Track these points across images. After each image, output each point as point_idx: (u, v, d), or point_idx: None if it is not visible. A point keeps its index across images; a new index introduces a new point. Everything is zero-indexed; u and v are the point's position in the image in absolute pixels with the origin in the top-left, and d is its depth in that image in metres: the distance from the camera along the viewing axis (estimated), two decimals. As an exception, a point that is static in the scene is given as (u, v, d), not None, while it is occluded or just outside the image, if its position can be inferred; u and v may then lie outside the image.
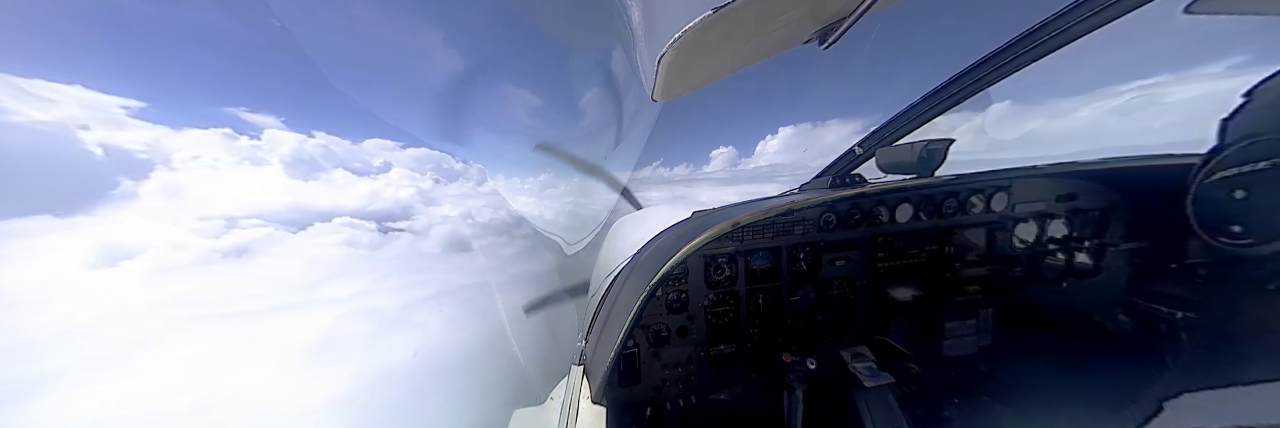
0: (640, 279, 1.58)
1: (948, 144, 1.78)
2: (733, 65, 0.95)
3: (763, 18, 0.70)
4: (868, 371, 1.74)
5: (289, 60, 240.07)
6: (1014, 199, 1.92)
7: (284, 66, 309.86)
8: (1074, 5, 1.33)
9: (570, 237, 7.02)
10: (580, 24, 11.09)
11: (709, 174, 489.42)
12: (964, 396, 1.89)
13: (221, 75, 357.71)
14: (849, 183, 1.94)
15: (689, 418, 1.84)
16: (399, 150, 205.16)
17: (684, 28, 0.64)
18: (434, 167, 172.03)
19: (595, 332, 1.73)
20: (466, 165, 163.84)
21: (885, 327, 1.93)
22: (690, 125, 69.71)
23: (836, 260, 1.87)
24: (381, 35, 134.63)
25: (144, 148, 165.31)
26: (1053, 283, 1.97)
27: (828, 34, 0.81)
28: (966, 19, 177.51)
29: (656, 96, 0.96)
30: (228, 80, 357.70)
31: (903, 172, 1.88)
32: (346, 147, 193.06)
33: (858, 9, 0.72)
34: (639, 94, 5.61)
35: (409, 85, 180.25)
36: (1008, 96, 2.29)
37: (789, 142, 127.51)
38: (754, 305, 1.83)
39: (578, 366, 1.62)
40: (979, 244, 1.95)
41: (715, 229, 1.59)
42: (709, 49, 0.78)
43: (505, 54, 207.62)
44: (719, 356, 1.83)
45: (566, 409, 1.38)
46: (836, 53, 0.90)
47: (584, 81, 18.59)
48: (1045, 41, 1.46)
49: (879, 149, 1.99)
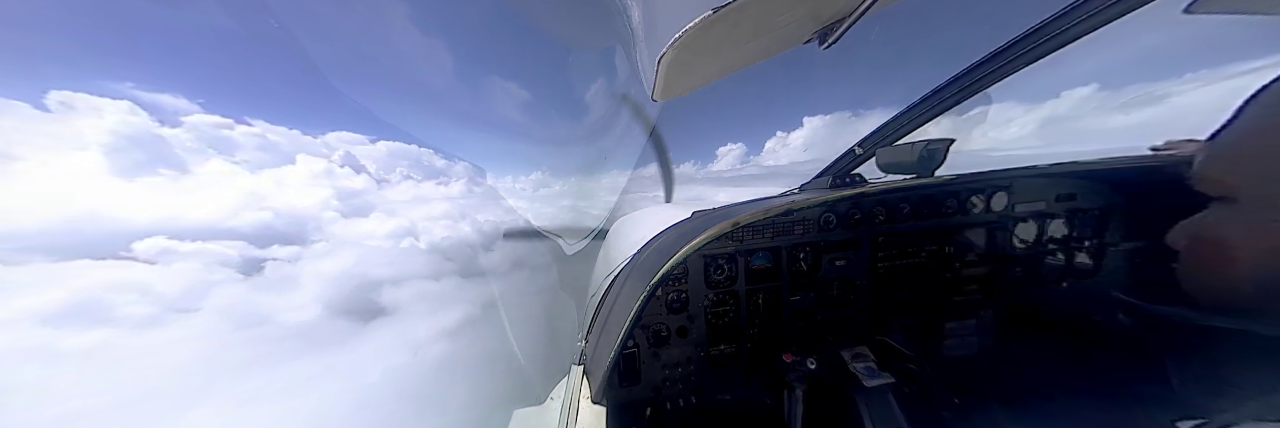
0: (640, 279, 1.59)
1: (948, 144, 1.78)
2: (733, 65, 0.95)
3: (763, 18, 0.70)
4: (868, 371, 1.74)
5: (288, 60, 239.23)
6: (1014, 199, 1.92)
7: (284, 66, 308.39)
8: (1074, 5, 1.33)
9: (570, 237, 7.02)
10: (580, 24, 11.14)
11: (709, 174, 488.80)
12: (964, 396, 1.89)
13: (221, 75, 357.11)
14: (849, 183, 1.94)
15: (689, 418, 1.84)
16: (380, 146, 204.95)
17: (684, 28, 0.64)
18: (428, 165, 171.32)
19: (595, 332, 1.73)
20: (465, 165, 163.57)
21: (885, 327, 1.93)
22: (690, 125, 69.05)
23: (836, 260, 1.87)
24: (379, 34, 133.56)
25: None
26: (1053, 283, 1.97)
27: (828, 34, 0.81)
28: (966, 19, 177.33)
29: (656, 96, 0.96)
30: (225, 79, 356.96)
31: (903, 172, 1.88)
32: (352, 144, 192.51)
33: (858, 9, 0.72)
34: (639, 94, 5.62)
35: (407, 84, 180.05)
36: (1008, 96, 2.30)
37: (789, 142, 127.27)
38: (754, 306, 1.83)
39: (578, 365, 1.62)
40: (979, 244, 1.95)
41: (715, 229, 1.59)
42: (709, 49, 0.78)
43: (505, 53, 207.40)
44: (719, 355, 1.83)
45: (566, 409, 1.38)
46: (836, 53, 0.90)
47: (584, 81, 18.50)
48: (1045, 41, 1.46)
49: (879, 149, 1.99)
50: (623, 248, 2.44)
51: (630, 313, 1.47)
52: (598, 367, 1.49)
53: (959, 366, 1.88)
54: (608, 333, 1.57)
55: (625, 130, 10.15)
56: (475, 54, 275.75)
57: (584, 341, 1.78)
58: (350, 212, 66.78)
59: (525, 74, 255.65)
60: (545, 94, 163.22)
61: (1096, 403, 1.67)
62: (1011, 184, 1.91)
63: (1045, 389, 1.81)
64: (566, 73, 66.23)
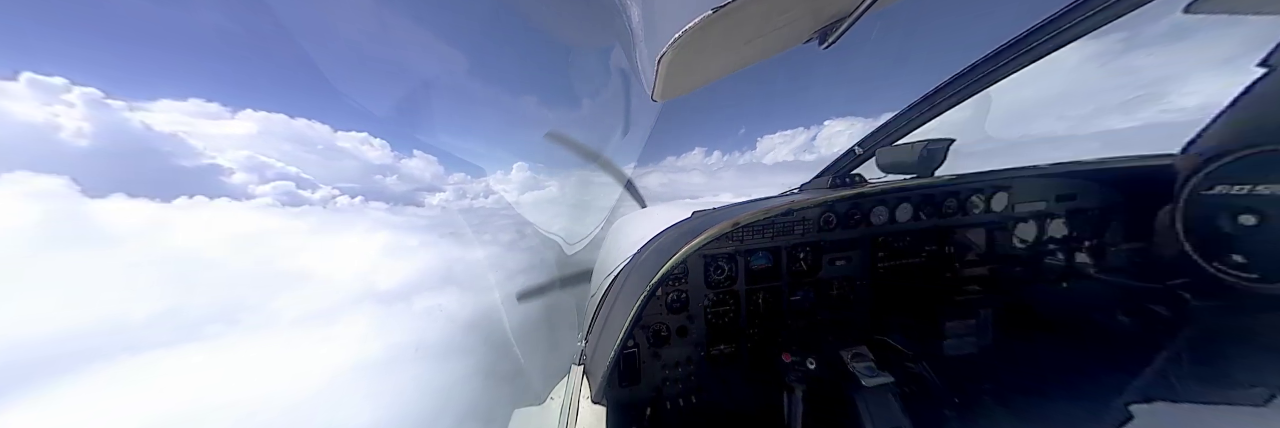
0: (640, 279, 1.58)
1: (948, 144, 1.78)
2: (733, 65, 0.95)
3: (763, 18, 0.70)
4: (867, 370, 1.74)
5: (286, 59, 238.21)
6: (1014, 199, 1.92)
7: (282, 65, 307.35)
8: (1074, 5, 1.33)
9: (570, 237, 7.02)
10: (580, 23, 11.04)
11: (709, 174, 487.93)
12: (964, 395, 1.89)
13: (218, 74, 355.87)
14: (849, 183, 1.94)
15: (689, 418, 1.84)
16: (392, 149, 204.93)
17: (684, 28, 0.64)
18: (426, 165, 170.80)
19: (595, 332, 1.73)
20: (464, 165, 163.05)
21: (885, 327, 1.93)
22: (690, 125, 68.99)
23: (836, 260, 1.87)
24: (377, 33, 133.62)
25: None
26: (1053, 283, 1.97)
27: (828, 34, 0.81)
28: (966, 19, 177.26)
29: (656, 96, 0.96)
30: (222, 78, 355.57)
31: (903, 172, 1.88)
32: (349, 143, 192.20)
33: (858, 9, 0.72)
34: (638, 94, 5.60)
35: (405, 83, 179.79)
36: (1008, 96, 2.28)
37: (789, 141, 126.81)
38: (754, 305, 1.83)
39: (578, 365, 1.62)
40: (979, 244, 1.95)
41: (715, 229, 1.59)
42: (709, 49, 0.78)
43: (505, 53, 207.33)
44: (719, 355, 1.83)
45: (566, 409, 1.38)
46: (836, 53, 0.90)
47: (583, 81, 18.40)
48: (1046, 41, 1.46)
49: (879, 149, 1.99)
50: (623, 248, 2.44)
51: (630, 313, 1.47)
52: (598, 367, 1.49)
53: (959, 365, 1.87)
54: (608, 333, 1.57)
55: (624, 131, 10.13)
56: (475, 53, 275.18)
57: (584, 340, 1.78)
58: (349, 210, 68.44)
59: (525, 74, 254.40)
60: (545, 94, 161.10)
61: (1095, 403, 1.67)
62: (1011, 184, 1.91)
63: (1045, 389, 1.81)
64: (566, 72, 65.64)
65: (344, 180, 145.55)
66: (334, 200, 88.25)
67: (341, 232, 41.80)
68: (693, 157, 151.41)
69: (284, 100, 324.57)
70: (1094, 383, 1.77)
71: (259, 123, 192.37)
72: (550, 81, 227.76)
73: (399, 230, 47.03)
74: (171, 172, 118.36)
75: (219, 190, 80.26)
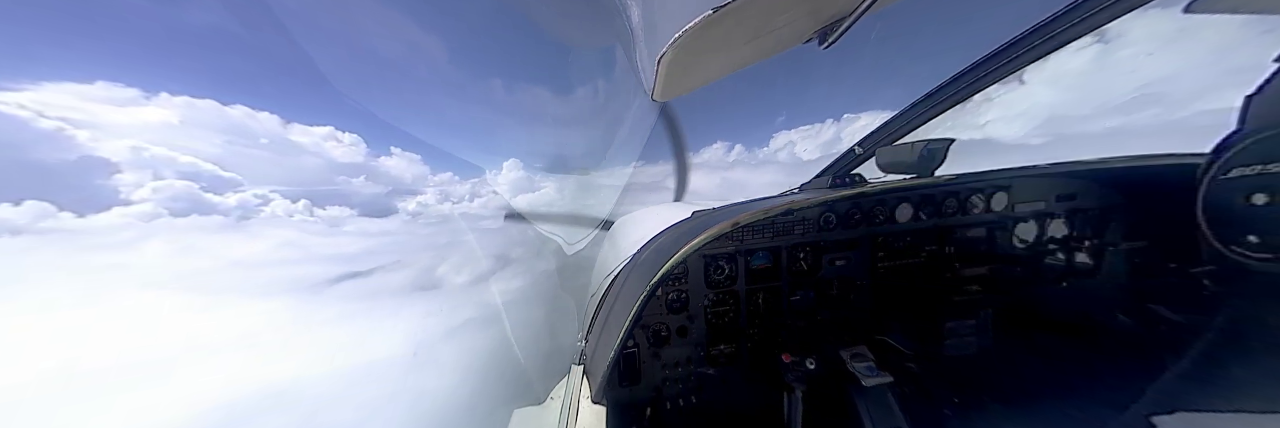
0: (640, 279, 1.58)
1: (948, 144, 1.78)
2: (733, 65, 0.95)
3: (763, 18, 0.70)
4: (867, 370, 1.74)
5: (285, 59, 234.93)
6: (1014, 199, 1.92)
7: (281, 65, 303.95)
8: (1074, 5, 1.33)
9: (570, 237, 7.02)
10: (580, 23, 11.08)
11: (708, 174, 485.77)
12: (964, 395, 1.89)
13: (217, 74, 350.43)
14: (849, 183, 1.94)
15: (689, 418, 1.84)
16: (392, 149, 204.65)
17: (684, 27, 0.64)
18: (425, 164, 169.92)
19: (595, 332, 1.73)
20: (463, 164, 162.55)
21: (885, 327, 1.93)
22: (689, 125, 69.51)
23: (836, 260, 1.87)
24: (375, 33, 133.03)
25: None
26: (1053, 283, 1.97)
27: (828, 34, 0.81)
28: (966, 19, 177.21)
29: (656, 96, 0.96)
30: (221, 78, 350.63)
31: (903, 171, 1.88)
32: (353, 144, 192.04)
33: (858, 9, 0.72)
34: (638, 94, 5.61)
35: (404, 83, 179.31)
36: (1008, 96, 2.28)
37: (789, 141, 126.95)
38: (754, 305, 1.83)
39: (578, 365, 1.62)
40: (979, 244, 1.95)
41: (715, 229, 1.59)
42: (709, 49, 0.78)
43: (504, 53, 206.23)
44: (719, 355, 1.83)
45: (566, 409, 1.38)
46: (836, 53, 0.90)
47: (583, 81, 18.32)
48: (1045, 41, 1.46)
49: (879, 149, 1.99)
50: (623, 248, 2.44)
51: (630, 313, 1.47)
52: (598, 367, 1.49)
53: (959, 365, 1.87)
54: (608, 333, 1.57)
55: (624, 131, 10.13)
56: (474, 53, 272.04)
57: (584, 340, 1.78)
58: (349, 210, 66.27)
59: (524, 73, 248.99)
60: (544, 94, 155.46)
61: (1095, 403, 1.67)
62: (1011, 184, 1.91)
63: (1045, 389, 1.81)
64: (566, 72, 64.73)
65: (294, 182, 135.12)
66: (263, 206, 77.01)
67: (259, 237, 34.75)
68: (692, 157, 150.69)
69: (222, 87, 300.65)
70: (1094, 383, 1.77)
71: (179, 110, 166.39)
72: (549, 81, 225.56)
73: (398, 229, 46.10)
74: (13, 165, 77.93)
75: (78, 192, 69.55)
